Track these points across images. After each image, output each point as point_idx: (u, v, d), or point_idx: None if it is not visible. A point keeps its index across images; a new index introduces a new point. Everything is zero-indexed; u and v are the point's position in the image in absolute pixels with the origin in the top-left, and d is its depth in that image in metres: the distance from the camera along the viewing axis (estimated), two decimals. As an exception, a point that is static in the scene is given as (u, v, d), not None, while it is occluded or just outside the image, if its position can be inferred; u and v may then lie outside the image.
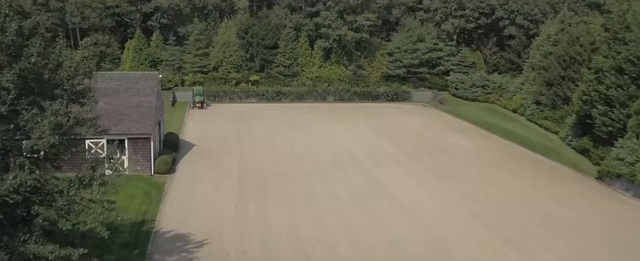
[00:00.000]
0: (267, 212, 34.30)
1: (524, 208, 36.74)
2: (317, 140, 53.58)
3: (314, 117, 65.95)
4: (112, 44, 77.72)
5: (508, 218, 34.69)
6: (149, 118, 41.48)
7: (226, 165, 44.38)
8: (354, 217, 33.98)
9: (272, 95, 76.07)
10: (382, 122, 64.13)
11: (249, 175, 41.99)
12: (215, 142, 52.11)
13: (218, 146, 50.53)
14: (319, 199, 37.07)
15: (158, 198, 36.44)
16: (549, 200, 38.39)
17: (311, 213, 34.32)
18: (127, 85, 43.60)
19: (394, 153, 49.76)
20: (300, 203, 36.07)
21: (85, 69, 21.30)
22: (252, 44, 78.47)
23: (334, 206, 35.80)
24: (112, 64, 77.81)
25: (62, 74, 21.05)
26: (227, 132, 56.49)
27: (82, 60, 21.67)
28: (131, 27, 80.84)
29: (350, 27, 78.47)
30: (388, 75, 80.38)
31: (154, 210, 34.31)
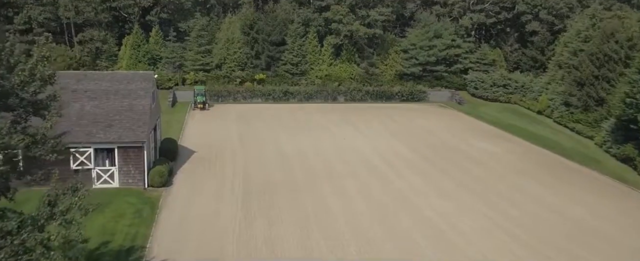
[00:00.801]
0: (276, 233, 29.60)
1: (565, 225, 32.29)
2: (329, 145, 48.76)
3: (324, 118, 61.14)
4: (108, 40, 72.95)
5: (550, 238, 30.11)
6: (142, 124, 36.73)
7: (229, 176, 39.62)
8: (376, 238, 29.32)
9: (278, 95, 71.28)
10: (398, 124, 59.27)
11: (254, 187, 37.22)
12: (218, 148, 47.36)
13: (220, 153, 45.79)
14: (335, 216, 32.35)
15: (151, 217, 31.72)
16: (594, 217, 33.59)
17: (327, 234, 29.61)
18: (117, 87, 38.85)
19: (414, 160, 44.92)
20: (314, 222, 31.37)
21: (43, 73, 16.28)
22: (257, 40, 73.64)
23: (352, 225, 31.07)
24: (109, 61, 73.11)
25: (14, 80, 16.18)
26: (230, 136, 51.74)
27: (38, 61, 16.67)
28: (129, 22, 76.06)
29: (362, 22, 73.51)
30: (402, 74, 75.45)
31: (145, 232, 29.61)
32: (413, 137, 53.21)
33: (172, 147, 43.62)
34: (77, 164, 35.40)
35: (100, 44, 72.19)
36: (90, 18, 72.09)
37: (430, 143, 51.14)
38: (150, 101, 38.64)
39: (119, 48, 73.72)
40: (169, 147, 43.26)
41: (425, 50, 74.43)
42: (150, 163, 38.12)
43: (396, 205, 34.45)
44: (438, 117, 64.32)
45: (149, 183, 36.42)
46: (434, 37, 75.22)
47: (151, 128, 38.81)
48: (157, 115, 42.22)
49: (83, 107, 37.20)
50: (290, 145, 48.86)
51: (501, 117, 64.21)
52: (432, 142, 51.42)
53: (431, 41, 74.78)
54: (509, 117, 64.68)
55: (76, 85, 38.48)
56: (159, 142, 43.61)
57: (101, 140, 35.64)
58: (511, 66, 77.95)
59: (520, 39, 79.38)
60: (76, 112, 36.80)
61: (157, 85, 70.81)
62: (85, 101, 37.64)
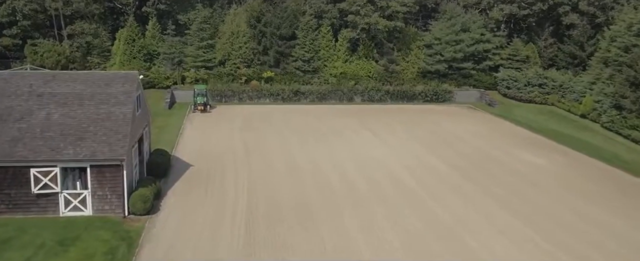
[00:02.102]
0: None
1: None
2: (348, 157, 41.55)
3: (340, 123, 53.92)
4: (100, 34, 65.96)
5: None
6: (122, 136, 29.67)
7: (230, 199, 32.52)
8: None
9: (288, 95, 64.13)
10: (424, 129, 51.96)
11: (260, 214, 30.12)
12: (219, 159, 40.27)
13: (221, 166, 38.70)
14: (362, 255, 25.17)
15: (127, 259, 24.67)
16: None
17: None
18: (93, 90, 31.80)
19: (449, 176, 37.66)
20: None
21: None
22: (265, 34, 66.41)
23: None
24: (101, 57, 66.23)
25: None
26: (234, 145, 44.64)
27: None
28: (124, 14, 69.01)
29: (381, 13, 66.16)
30: (426, 72, 68.07)
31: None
32: (443, 145, 45.92)
33: (163, 161, 36.55)
34: (40, 187, 28.45)
35: (91, 38, 65.23)
36: (80, 9, 65.14)
37: (463, 153, 43.83)
38: (133, 108, 31.57)
39: (112, 43, 66.73)
40: (159, 161, 36.18)
41: (451, 45, 67.04)
42: (132, 184, 31.07)
43: (440, 241, 27.23)
44: (468, 120, 56.94)
45: (129, 210, 29.41)
46: (461, 31, 67.81)
47: (134, 140, 31.75)
48: (143, 124, 35.14)
49: (50, 116, 30.21)
50: (303, 156, 41.72)
51: (540, 121, 56.79)
52: (465, 152, 44.10)
53: (458, 35, 67.36)
54: (548, 121, 57.27)
55: (43, 88, 31.53)
56: (147, 155, 36.56)
57: (70, 157, 28.62)
58: (546, 63, 70.43)
59: (556, 33, 71.81)
60: (40, 122, 29.84)
61: (153, 84, 64.24)
62: (52, 108, 30.63)
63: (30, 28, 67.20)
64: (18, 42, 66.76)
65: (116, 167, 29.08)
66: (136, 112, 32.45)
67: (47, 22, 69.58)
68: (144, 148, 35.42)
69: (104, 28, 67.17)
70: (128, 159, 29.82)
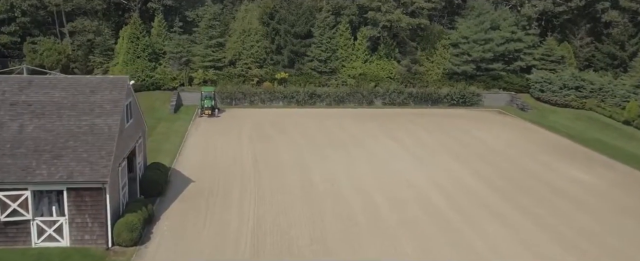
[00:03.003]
0: None
1: None
2: (370, 172, 36.77)
3: (360, 130, 49.13)
4: (103, 32, 61.67)
5: None
6: (106, 153, 25.19)
7: (233, 226, 27.95)
8: None
9: (304, 97, 59.45)
10: (453, 138, 47.00)
11: (267, 249, 25.46)
12: (223, 175, 35.70)
13: (226, 183, 34.13)
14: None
15: (103, 309, 20.21)
16: None
17: None
18: (75, 98, 27.34)
19: (487, 197, 32.77)
20: None
21: None
22: (278, 32, 61.74)
23: None
24: (104, 56, 61.90)
25: None
26: (242, 156, 40.05)
27: None
28: (129, 10, 64.68)
29: (404, 10, 61.25)
30: (452, 73, 63.03)
31: None
32: (475, 158, 40.95)
33: (160, 178, 32.05)
34: (8, 214, 24.10)
35: (92, 35, 60.95)
36: (81, 5, 60.90)
37: (500, 167, 38.83)
38: (121, 119, 27.06)
39: (116, 41, 62.41)
40: (154, 177, 31.69)
41: (480, 44, 61.94)
42: (119, 208, 26.62)
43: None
44: (500, 127, 51.87)
45: (113, 240, 24.96)
46: (490, 29, 62.72)
47: (122, 157, 27.27)
48: (136, 136, 30.63)
49: (23, 128, 25.81)
50: (319, 170, 37.00)
51: (579, 129, 51.62)
52: (502, 166, 39.10)
53: (487, 33, 62.26)
54: (588, 128, 52.08)
55: (17, 96, 27.13)
56: (142, 170, 32.08)
57: (43, 178, 24.24)
58: (582, 64, 65.18)
59: (593, 31, 66.42)
60: (12, 136, 25.47)
61: (159, 86, 59.86)
62: (27, 119, 26.23)
63: (29, 25, 63.19)
64: (16, 40, 62.76)
65: (98, 190, 24.63)
66: (125, 124, 27.98)
67: (49, 19, 65.51)
68: (136, 163, 30.97)
69: (107, 25, 62.88)
70: (113, 180, 25.34)
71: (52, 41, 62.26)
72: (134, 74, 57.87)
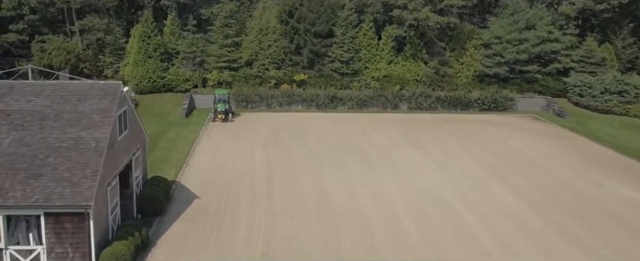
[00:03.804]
0: None
1: None
2: (395, 188, 32.97)
3: (384, 137, 45.33)
4: (113, 30, 58.65)
5: None
6: (91, 172, 21.84)
7: (239, 250, 24.46)
8: None
9: (324, 100, 55.80)
10: (485, 147, 42.93)
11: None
12: (232, 190, 32.19)
13: (234, 200, 30.62)
14: None
15: None
16: None
17: None
18: (60, 107, 24.04)
19: (530, 220, 28.81)
20: None
21: None
22: (298, 31, 58.12)
23: None
24: (115, 56, 58.87)
25: None
26: (254, 168, 36.51)
27: None
28: (142, 7, 61.54)
29: (432, 8, 57.18)
30: (483, 75, 58.81)
31: None
32: (511, 171, 36.83)
33: (160, 195, 28.64)
34: (-24, 242, 20.89)
35: (102, 34, 57.96)
36: (91, 2, 57.94)
37: (542, 184, 34.65)
38: (113, 131, 23.68)
39: (127, 40, 59.32)
40: (154, 194, 28.29)
41: (514, 44, 57.63)
42: (108, 234, 23.24)
43: None
44: (536, 135, 47.62)
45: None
46: (525, 29, 58.37)
47: (113, 175, 23.89)
48: (132, 148, 27.24)
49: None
50: (338, 184, 33.31)
51: (625, 138, 47.17)
52: (544, 183, 34.88)
53: (521, 33, 57.93)
54: (635, 137, 47.59)
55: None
56: (140, 187, 28.71)
57: (17, 201, 20.99)
58: (624, 66, 60.53)
59: (637, 31, 61.62)
60: (-16, 151, 22.18)
61: (171, 88, 56.57)
62: (4, 131, 23.01)
63: (38, 23, 60.39)
64: (25, 39, 60.00)
65: (80, 215, 21.27)
66: (117, 136, 24.58)
67: (60, 17, 62.71)
68: (133, 179, 27.59)
69: (118, 23, 59.83)
70: (98, 203, 21.97)
71: (61, 40, 59.43)
72: (144, 75, 54.81)
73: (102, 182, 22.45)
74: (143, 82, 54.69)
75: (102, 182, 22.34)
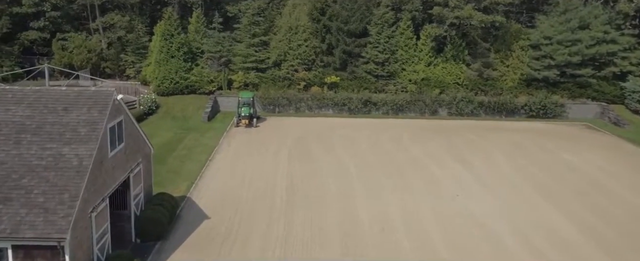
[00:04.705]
0: None
1: None
2: (434, 214, 28.80)
3: (421, 148, 41.09)
4: (135, 28, 55.71)
5: None
6: (69, 197, 18.44)
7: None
8: None
9: (356, 105, 51.84)
10: (537, 162, 38.26)
11: None
12: (247, 209, 28.52)
13: (248, 222, 26.93)
14: None
15: None
16: None
17: None
18: (43, 118, 20.69)
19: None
20: None
21: None
22: (330, 30, 54.22)
23: None
24: (137, 55, 55.93)
25: None
26: (274, 183, 32.74)
27: None
28: (166, 3, 58.40)
29: (476, 5, 52.58)
30: (531, 79, 54.00)
31: None
32: (572, 196, 31.93)
33: (162, 217, 25.11)
34: None
35: (123, 32, 55.07)
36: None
37: (609, 214, 29.44)
38: (102, 146, 20.20)
39: (150, 38, 56.31)
40: (155, 216, 24.78)
41: (565, 46, 52.66)
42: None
43: None
44: (593, 148, 42.70)
45: (75, 319, 18.09)
46: (578, 28, 53.35)
47: (100, 197, 20.42)
48: (131, 164, 23.74)
49: (-32, 157, 19.24)
50: (368, 207, 29.29)
51: (693, 152, 41.97)
52: (612, 213, 29.58)
53: (574, 33, 52.91)
54: None
55: (-31, 113, 20.62)
56: (141, 207, 25.22)
57: (-20, 231, 17.60)
58: (687, 70, 54.87)
59: (702, 32, 55.97)
60: (-51, 170, 18.94)
61: (194, 89, 53.32)
62: (-26, 145, 19.66)
63: (60, 20, 57.91)
64: (46, 37, 57.58)
65: (53, 249, 17.83)
66: (108, 152, 21.08)
67: (84, 13, 60.20)
68: (130, 199, 24.11)
69: (141, 20, 56.85)
70: (79, 234, 18.52)
71: (83, 38, 56.82)
72: (167, 75, 51.68)
73: (84, 208, 19.00)
74: (165, 83, 51.55)
75: (84, 207, 18.90)
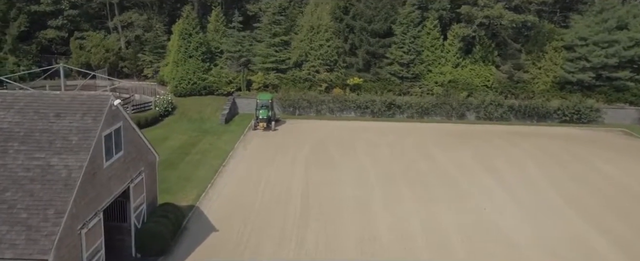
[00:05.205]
0: None
1: None
2: (458, 227, 26.63)
3: (448, 156, 38.84)
4: (154, 26, 54.41)
5: None
6: (54, 213, 16.83)
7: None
8: None
9: (380, 108, 49.84)
10: (572, 173, 35.76)
11: None
12: (258, 221, 26.71)
13: (258, 236, 25.11)
14: None
15: None
16: None
17: None
18: (32, 124, 19.12)
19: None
20: None
21: None
22: (353, 30, 52.24)
23: None
24: (155, 55, 54.62)
25: None
26: (289, 192, 30.87)
27: None
28: (186, 1, 56.96)
29: (507, 4, 50.08)
30: (564, 82, 51.36)
31: None
32: (613, 213, 29.16)
33: (165, 230, 23.40)
34: None
35: (141, 31, 53.80)
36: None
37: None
38: (94, 156, 18.56)
39: (168, 37, 54.94)
40: (157, 230, 23.09)
41: (602, 47, 49.94)
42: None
43: None
44: (632, 157, 39.98)
45: None
46: (616, 29, 50.58)
47: (93, 212, 18.77)
48: (131, 174, 22.07)
49: (-51, 169, 17.72)
50: (388, 220, 27.25)
51: None
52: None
53: (611, 34, 50.14)
54: None
55: (-45, 118, 19.13)
56: (143, 219, 23.56)
57: (-45, 250, 16.05)
58: None
59: None
60: None
61: (212, 90, 51.77)
62: (-44, 155, 18.16)
63: (79, 19, 56.94)
64: (64, 35, 56.65)
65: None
66: (103, 162, 19.43)
67: (103, 12, 59.18)
68: (131, 211, 22.44)
69: (160, 19, 55.50)
70: (65, 253, 16.86)
71: (101, 37, 55.74)
72: (184, 76, 50.24)
73: (72, 225, 17.35)
74: (182, 84, 50.11)
75: (71, 224, 17.25)
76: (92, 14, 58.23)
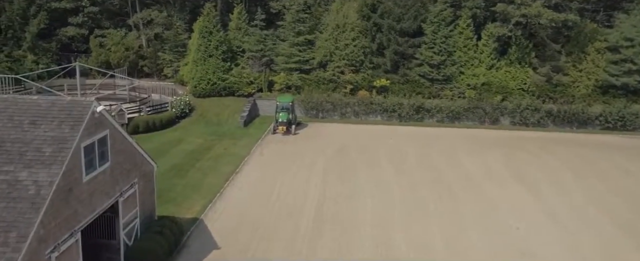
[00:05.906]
0: None
1: None
2: (485, 246, 23.93)
3: (478, 164, 35.99)
4: (174, 24, 52.55)
5: None
6: (16, 237, 14.78)
7: None
8: None
9: (408, 111, 47.08)
10: (616, 188, 32.57)
11: None
12: (266, 237, 24.43)
13: (263, 253, 22.79)
14: None
15: None
16: None
17: None
18: (5, 132, 17.24)
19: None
20: None
21: None
22: (381, 28, 49.48)
23: None
24: (175, 53, 52.76)
25: None
26: (303, 204, 28.48)
27: None
28: (208, 0, 54.98)
29: (546, 2, 46.75)
30: (608, 86, 47.81)
31: None
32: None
33: (158, 248, 21.28)
34: None
35: (161, 29, 52.01)
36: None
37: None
38: (70, 170, 16.48)
39: (189, 35, 53.05)
40: (149, 247, 20.99)
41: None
42: None
43: None
44: (682, 169, 36.56)
45: None
46: (665, 29, 46.79)
47: (69, 232, 16.70)
48: (120, 187, 19.96)
49: None
50: (407, 234, 24.70)
51: None
52: None
53: (660, 35, 46.43)
54: None
55: None
56: (136, 235, 21.46)
57: None
58: None
59: None
60: None
61: (232, 91, 49.57)
62: None
63: (99, 16, 55.49)
64: (84, 33, 55.26)
65: (-9, 304, 14.11)
66: (83, 175, 17.32)
67: (126, 9, 57.60)
68: (120, 227, 20.33)
69: (180, 17, 53.62)
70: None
71: (121, 35, 54.18)
72: (203, 76, 48.26)
73: (39, 249, 15.27)
74: (201, 84, 48.12)
75: (37, 248, 15.18)
76: (113, 11, 56.69)
